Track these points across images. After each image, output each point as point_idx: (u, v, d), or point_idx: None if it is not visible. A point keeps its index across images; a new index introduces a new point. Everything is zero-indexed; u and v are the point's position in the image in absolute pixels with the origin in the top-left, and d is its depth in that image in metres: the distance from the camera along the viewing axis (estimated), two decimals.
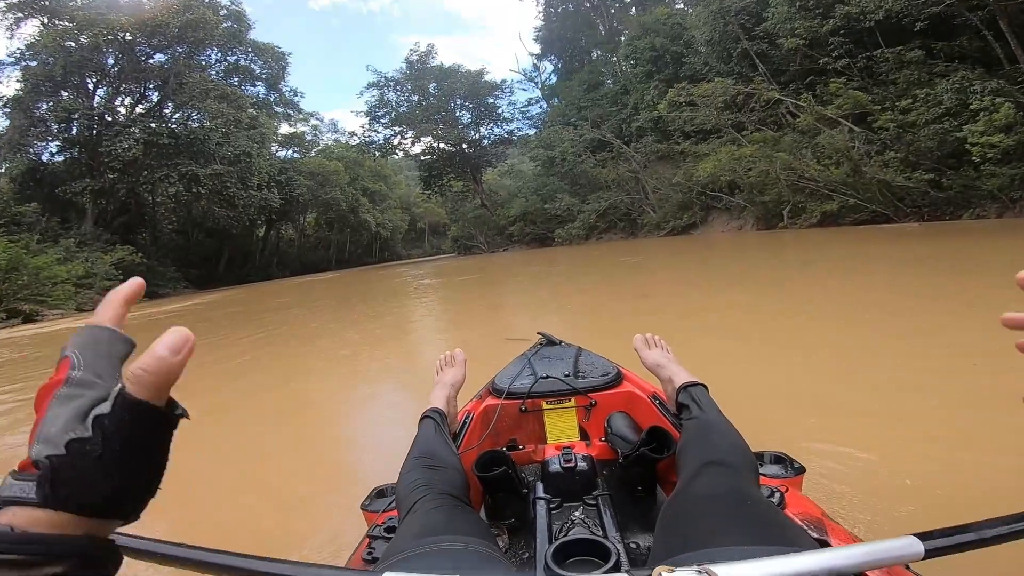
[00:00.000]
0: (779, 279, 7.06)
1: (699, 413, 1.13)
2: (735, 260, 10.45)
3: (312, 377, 4.59)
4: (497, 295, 10.02)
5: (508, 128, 36.96)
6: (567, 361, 1.71)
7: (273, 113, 36.62)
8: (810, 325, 4.15)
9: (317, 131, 43.49)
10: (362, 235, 46.23)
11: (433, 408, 1.35)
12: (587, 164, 25.51)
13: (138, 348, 0.34)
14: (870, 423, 2.15)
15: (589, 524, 1.05)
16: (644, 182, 22.34)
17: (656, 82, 23.73)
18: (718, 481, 0.82)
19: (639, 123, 23.76)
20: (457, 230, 34.75)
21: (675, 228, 20.09)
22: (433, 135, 34.41)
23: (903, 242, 9.25)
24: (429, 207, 56.14)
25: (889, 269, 6.63)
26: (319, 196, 37.00)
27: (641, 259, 12.64)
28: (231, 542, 0.80)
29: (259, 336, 7.65)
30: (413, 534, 0.79)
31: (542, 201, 27.09)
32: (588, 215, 24.04)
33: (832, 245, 10.31)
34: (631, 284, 8.49)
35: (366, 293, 13.18)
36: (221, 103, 27.61)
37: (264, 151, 31.74)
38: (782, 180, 14.72)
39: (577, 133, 25.95)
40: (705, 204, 19.52)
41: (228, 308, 12.98)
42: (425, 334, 6.52)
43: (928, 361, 2.86)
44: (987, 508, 0.58)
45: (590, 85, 31.08)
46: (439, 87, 35.48)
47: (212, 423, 3.25)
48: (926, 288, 5.01)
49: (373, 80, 35.65)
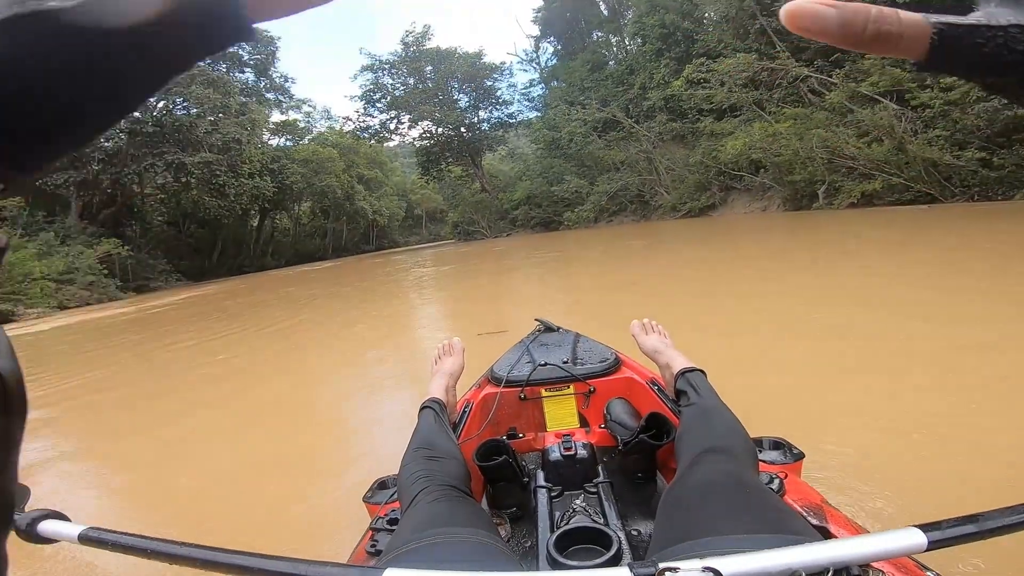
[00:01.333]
0: (839, 265, 5.89)
1: (697, 399, 1.12)
2: (768, 242, 9.28)
3: (312, 371, 4.49)
4: (505, 286, 8.97)
5: (508, 111, 35.28)
6: (565, 348, 1.69)
7: (264, 100, 35.07)
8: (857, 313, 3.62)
9: (310, 118, 41.82)
10: (358, 223, 44.92)
11: (432, 398, 1.33)
12: (594, 145, 24.09)
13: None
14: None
15: (590, 512, 1.04)
16: (657, 162, 20.95)
17: (667, 60, 22.35)
18: (717, 468, 0.81)
19: (651, 102, 22.27)
20: (457, 216, 33.22)
21: (692, 210, 18.78)
22: (432, 118, 32.66)
23: (959, 223, 8.18)
24: (426, 193, 54.61)
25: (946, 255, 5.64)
26: (313, 184, 35.39)
27: (665, 244, 11.44)
28: (231, 537, 0.88)
29: (263, 330, 7.27)
30: (415, 526, 0.77)
31: (548, 184, 25.55)
32: (599, 197, 22.61)
33: (876, 225, 9.20)
34: (674, 274, 7.29)
35: (364, 286, 11.93)
36: (207, 89, 25.93)
37: (255, 138, 30.12)
38: (818, 158, 13.47)
39: (587, 112, 24.45)
40: (724, 184, 18.24)
41: (218, 305, 11.73)
42: (425, 330, 6.00)
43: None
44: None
45: (594, 65, 29.52)
46: (436, 70, 33.69)
47: (212, 422, 3.26)
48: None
49: (367, 63, 33.86)
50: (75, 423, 3.84)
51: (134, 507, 2.36)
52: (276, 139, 38.02)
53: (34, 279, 16.27)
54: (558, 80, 33.23)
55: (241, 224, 35.47)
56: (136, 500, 2.41)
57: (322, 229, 43.61)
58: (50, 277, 17.21)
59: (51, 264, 17.57)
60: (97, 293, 18.89)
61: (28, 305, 15.54)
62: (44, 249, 18.38)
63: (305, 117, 40.86)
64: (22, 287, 15.83)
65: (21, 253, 16.73)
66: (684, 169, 19.76)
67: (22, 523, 0.69)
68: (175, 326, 9.21)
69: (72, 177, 24.20)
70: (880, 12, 0.25)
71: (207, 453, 2.72)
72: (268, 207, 35.81)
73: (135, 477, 2.65)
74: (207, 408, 3.72)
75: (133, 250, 25.44)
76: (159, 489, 2.42)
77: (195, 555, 0.58)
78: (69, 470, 2.84)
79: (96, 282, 19.06)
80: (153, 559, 0.60)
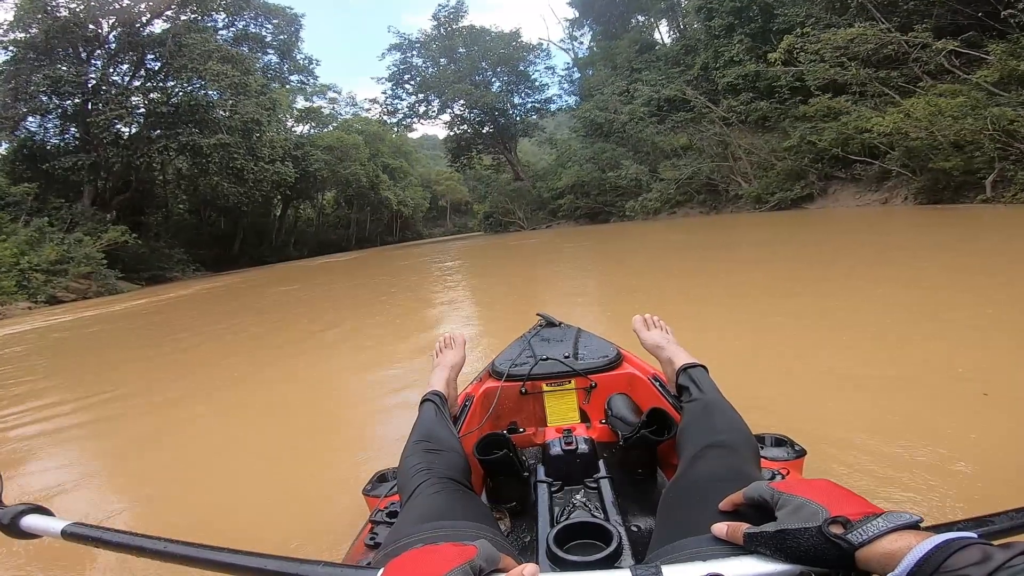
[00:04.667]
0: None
1: (699, 395, 1.08)
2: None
3: (312, 367, 4.11)
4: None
5: (544, 96, 31.68)
6: (567, 343, 1.61)
7: (287, 82, 32.15)
8: None
9: (335, 104, 38.81)
10: (382, 213, 42.33)
11: (433, 391, 1.27)
12: (650, 130, 20.62)
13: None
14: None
15: (590, 507, 1.00)
16: (736, 147, 17.37)
17: (740, 36, 18.79)
18: (719, 464, 0.78)
19: (728, 79, 18.59)
20: (488, 206, 29.90)
21: (782, 202, 15.27)
22: (466, 98, 29.05)
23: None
24: (451, 184, 51.58)
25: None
26: (337, 172, 32.41)
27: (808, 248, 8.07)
28: (233, 532, 0.82)
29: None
30: (414, 519, 0.75)
31: (600, 170, 22.05)
32: (667, 185, 19.07)
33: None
34: None
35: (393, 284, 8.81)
36: (225, 65, 22.86)
37: (275, 119, 27.13)
38: (986, 143, 10.04)
39: (652, 89, 20.93)
40: (824, 173, 14.76)
41: (235, 301, 8.70)
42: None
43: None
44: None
45: (643, 45, 25.97)
46: (469, 50, 30.19)
47: (213, 418, 3.12)
48: None
49: (395, 42, 30.52)
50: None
51: (132, 503, 2.08)
52: (300, 126, 35.34)
53: (4, 271, 13.39)
54: (593, 66, 29.66)
55: (263, 213, 33.13)
56: (134, 494, 2.16)
57: (345, 219, 41.36)
58: (39, 268, 14.36)
59: (42, 253, 14.70)
60: (96, 285, 16.04)
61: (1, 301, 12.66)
62: (36, 236, 15.49)
63: (329, 104, 38.09)
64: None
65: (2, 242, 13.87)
66: (770, 155, 16.28)
67: (4, 518, 0.68)
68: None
69: (83, 160, 21.41)
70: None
71: (200, 448, 2.60)
72: (291, 195, 32.99)
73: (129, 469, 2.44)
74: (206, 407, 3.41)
75: (148, 238, 22.79)
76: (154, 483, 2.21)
77: (183, 552, 0.56)
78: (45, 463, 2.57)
79: (95, 273, 16.18)
80: (140, 556, 0.58)
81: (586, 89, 28.12)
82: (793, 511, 0.52)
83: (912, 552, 0.41)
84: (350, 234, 40.52)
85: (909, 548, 0.42)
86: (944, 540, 0.41)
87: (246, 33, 29.50)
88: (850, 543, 0.46)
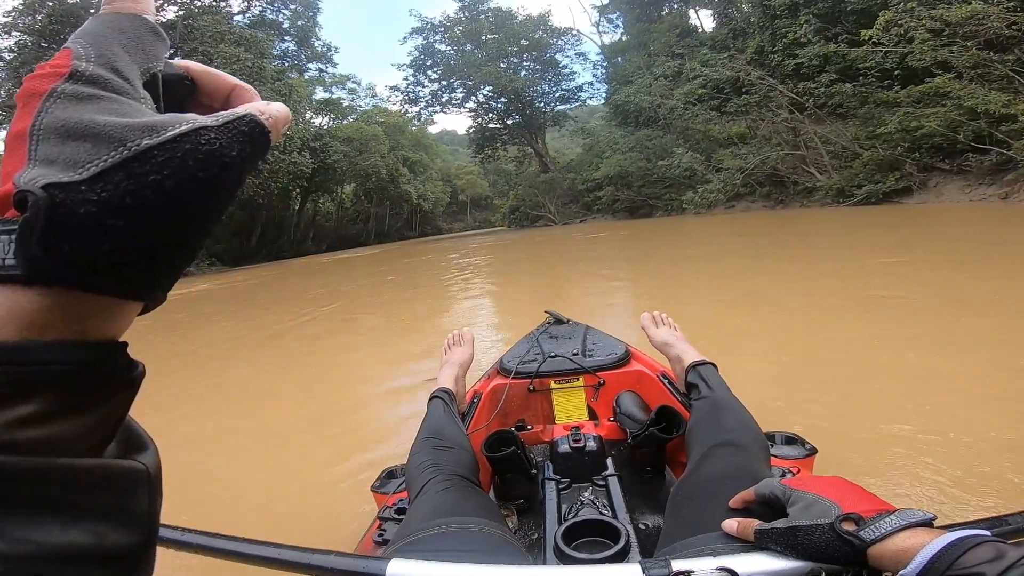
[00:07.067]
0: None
1: (708, 392, 1.03)
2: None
3: (315, 365, 3.84)
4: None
5: (574, 83, 29.10)
6: (575, 340, 1.54)
7: (305, 70, 30.25)
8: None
9: (354, 95, 36.74)
10: (402, 208, 40.31)
11: (442, 388, 1.23)
12: (700, 117, 18.13)
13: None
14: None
15: (598, 505, 0.97)
16: (810, 134, 14.76)
17: (806, 16, 16.27)
18: (728, 462, 0.75)
19: (800, 60, 15.99)
20: (514, 200, 27.54)
21: (872, 195, 12.74)
22: (493, 82, 26.57)
23: None
24: (471, 179, 49.29)
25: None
26: (356, 164, 30.34)
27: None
28: (240, 529, 0.72)
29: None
30: (423, 516, 0.73)
31: (646, 160, 19.56)
32: (731, 175, 16.58)
33: None
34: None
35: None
36: (237, 48, 20.91)
37: (291, 106, 25.10)
38: None
39: (712, 70, 18.38)
40: (923, 164, 12.22)
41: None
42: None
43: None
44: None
45: (683, 30, 23.39)
46: (495, 36, 27.73)
47: (222, 415, 2.97)
48: None
49: (417, 26, 28.20)
50: None
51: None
52: (319, 118, 33.38)
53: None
54: (624, 53, 27.07)
55: (282, 207, 31.22)
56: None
57: (365, 213, 39.31)
58: None
59: None
60: None
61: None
62: None
63: (349, 95, 36.05)
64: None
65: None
66: (852, 143, 13.72)
67: None
68: None
69: None
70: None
71: (209, 440, 2.48)
72: (309, 187, 31.04)
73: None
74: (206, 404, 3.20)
75: None
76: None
77: (200, 542, 0.55)
78: None
79: None
80: (159, 546, 0.60)
81: (620, 76, 25.58)
82: (805, 508, 0.51)
83: (925, 549, 0.41)
84: (369, 229, 38.51)
85: (922, 545, 0.41)
86: (957, 538, 0.40)
87: (262, 19, 27.94)
88: (862, 540, 0.45)
